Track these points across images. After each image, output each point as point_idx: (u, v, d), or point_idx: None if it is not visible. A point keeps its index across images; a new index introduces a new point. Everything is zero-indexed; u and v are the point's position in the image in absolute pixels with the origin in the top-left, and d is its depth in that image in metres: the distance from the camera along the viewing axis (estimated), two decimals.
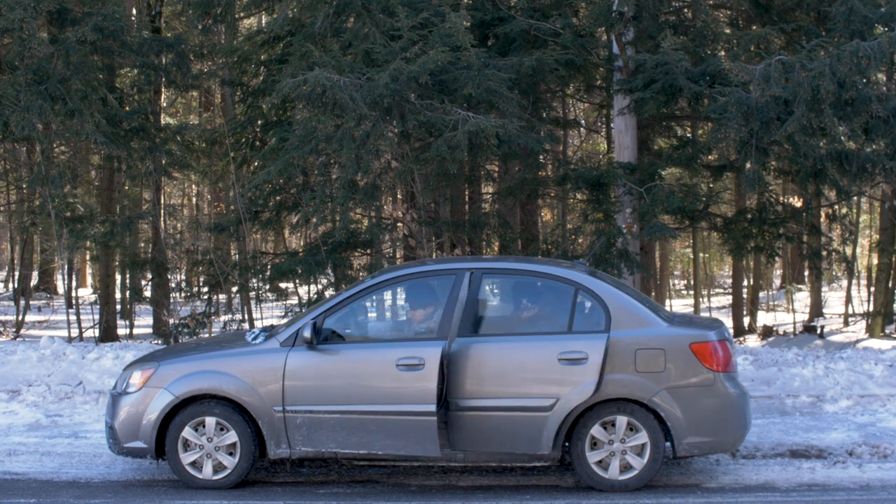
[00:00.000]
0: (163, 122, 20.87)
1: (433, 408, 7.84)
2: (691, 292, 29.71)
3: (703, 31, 14.92)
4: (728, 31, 16.16)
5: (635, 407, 8.04)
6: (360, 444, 8.08)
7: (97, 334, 18.44)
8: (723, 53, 14.89)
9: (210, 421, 8.25)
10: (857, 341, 18.22)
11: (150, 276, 20.36)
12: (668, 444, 8.13)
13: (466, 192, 18.12)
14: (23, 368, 12.96)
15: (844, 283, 25.64)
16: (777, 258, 18.02)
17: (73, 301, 19.24)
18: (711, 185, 17.35)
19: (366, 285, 8.65)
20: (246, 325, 17.40)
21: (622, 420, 8.04)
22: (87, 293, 29.31)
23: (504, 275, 9.01)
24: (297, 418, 8.11)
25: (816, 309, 22.60)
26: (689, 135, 19.42)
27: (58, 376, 12.61)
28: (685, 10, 16.63)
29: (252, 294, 17.67)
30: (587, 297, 8.35)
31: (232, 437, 8.24)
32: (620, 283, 8.88)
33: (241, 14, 19.73)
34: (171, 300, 19.28)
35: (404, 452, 8.05)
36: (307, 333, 8.17)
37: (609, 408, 8.05)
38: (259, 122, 17.22)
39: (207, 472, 8.26)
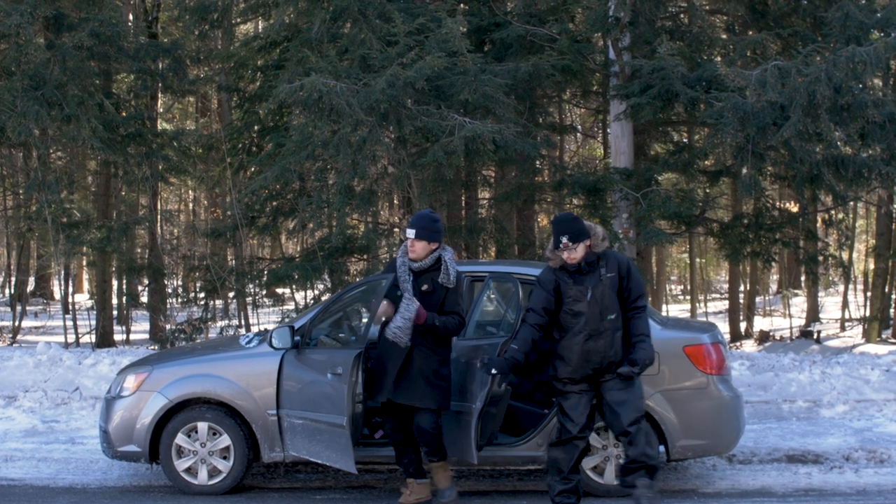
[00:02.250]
0: (159, 127, 20.86)
1: (343, 420, 7.53)
2: (688, 297, 29.72)
3: (699, 36, 14.94)
4: (724, 36, 16.18)
5: None
6: (314, 452, 7.96)
7: (94, 340, 18.42)
8: (719, 59, 14.93)
9: (202, 426, 8.24)
10: (854, 346, 18.22)
11: (146, 281, 20.36)
12: (661, 447, 8.12)
13: (463, 198, 18.12)
14: (19, 374, 12.96)
15: (841, 287, 25.65)
16: (773, 263, 18.03)
17: (70, 307, 19.22)
18: (708, 191, 17.37)
19: (356, 286, 8.67)
20: (243, 331, 17.39)
21: None
22: (83, 299, 29.28)
23: (491, 278, 9.02)
24: (285, 422, 8.09)
25: (813, 314, 22.60)
26: (685, 140, 19.44)
27: (54, 382, 12.60)
28: (682, 16, 16.65)
29: (249, 299, 17.65)
30: None
31: (225, 440, 8.22)
32: None
33: (238, 19, 19.76)
34: (168, 306, 19.29)
35: (337, 465, 7.78)
36: (277, 338, 8.13)
37: None
38: (256, 127, 17.22)
39: (202, 477, 8.25)
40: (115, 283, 21.15)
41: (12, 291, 24.40)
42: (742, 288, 24.10)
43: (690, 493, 8.31)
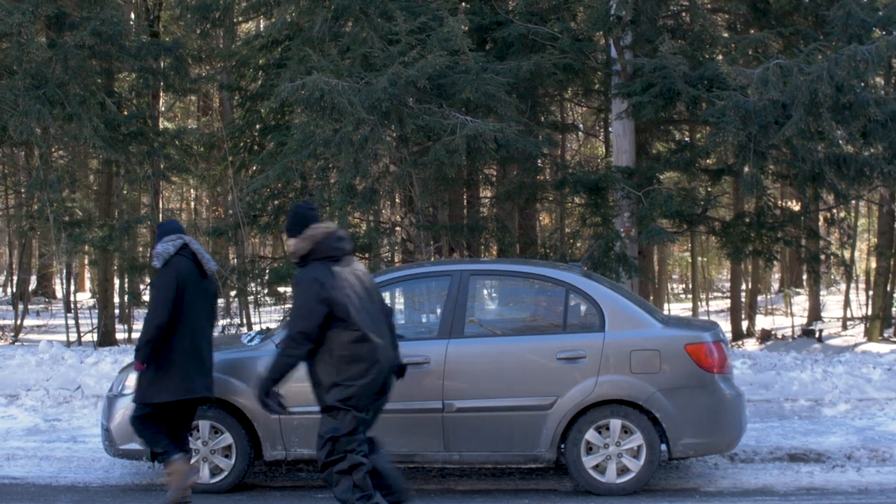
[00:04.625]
0: (161, 126, 20.87)
1: (440, 404, 7.98)
2: (690, 296, 29.71)
3: (701, 34, 14.93)
4: (726, 34, 16.17)
5: (629, 409, 8.04)
6: None
7: (95, 338, 18.42)
8: (721, 57, 14.90)
9: (204, 424, 8.25)
10: (856, 345, 18.21)
11: (148, 280, 20.35)
12: (663, 445, 8.12)
13: (465, 196, 18.11)
14: (21, 373, 12.96)
15: (843, 286, 25.63)
16: (775, 262, 18.01)
17: (72, 305, 19.23)
18: (710, 189, 17.35)
19: None
20: (244, 329, 17.38)
21: (616, 423, 8.03)
22: (85, 297, 29.29)
23: (496, 276, 9.04)
24: (294, 419, 8.08)
25: (815, 313, 22.59)
26: (687, 139, 19.42)
27: (56, 380, 12.60)
28: (683, 14, 16.63)
29: (250, 298, 17.65)
30: (581, 299, 8.36)
31: (227, 439, 8.24)
32: (615, 285, 8.90)
33: (240, 18, 19.76)
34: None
35: (406, 450, 8.09)
36: None
37: (603, 411, 8.04)
38: (257, 126, 17.22)
39: (204, 475, 8.26)
40: (116, 281, 21.14)
41: (14, 290, 24.42)
42: (744, 286, 24.08)
43: (692, 492, 8.31)
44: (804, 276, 26.61)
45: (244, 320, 18.37)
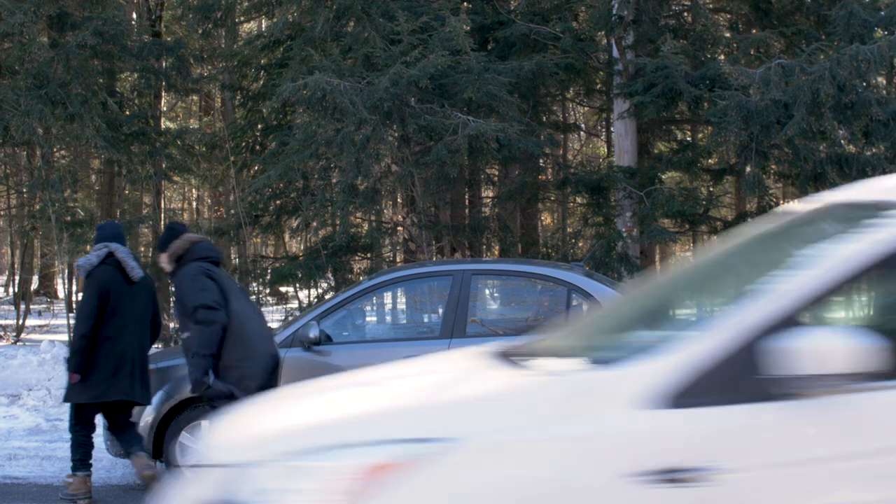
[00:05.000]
0: (163, 126, 20.85)
1: None
2: None
3: (702, 34, 14.92)
4: (728, 34, 16.17)
5: None
6: None
7: None
8: (722, 57, 14.90)
9: (206, 424, 8.25)
10: None
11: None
12: None
13: (466, 196, 18.10)
14: (23, 373, 12.99)
15: None
16: None
17: (73, 305, 19.22)
18: (711, 189, 17.35)
19: (362, 287, 8.67)
20: None
21: None
22: None
23: (498, 276, 9.06)
24: None
25: None
26: (689, 139, 19.43)
27: (58, 380, 12.61)
28: (685, 14, 16.63)
29: (252, 298, 17.64)
30: (582, 298, 8.35)
31: None
32: (616, 285, 8.89)
33: (242, 18, 19.76)
34: (171, 304, 19.25)
35: None
36: (313, 334, 8.15)
37: None
38: (259, 126, 17.22)
39: None
40: None
41: (16, 290, 24.42)
42: None
43: None
44: None
45: None
